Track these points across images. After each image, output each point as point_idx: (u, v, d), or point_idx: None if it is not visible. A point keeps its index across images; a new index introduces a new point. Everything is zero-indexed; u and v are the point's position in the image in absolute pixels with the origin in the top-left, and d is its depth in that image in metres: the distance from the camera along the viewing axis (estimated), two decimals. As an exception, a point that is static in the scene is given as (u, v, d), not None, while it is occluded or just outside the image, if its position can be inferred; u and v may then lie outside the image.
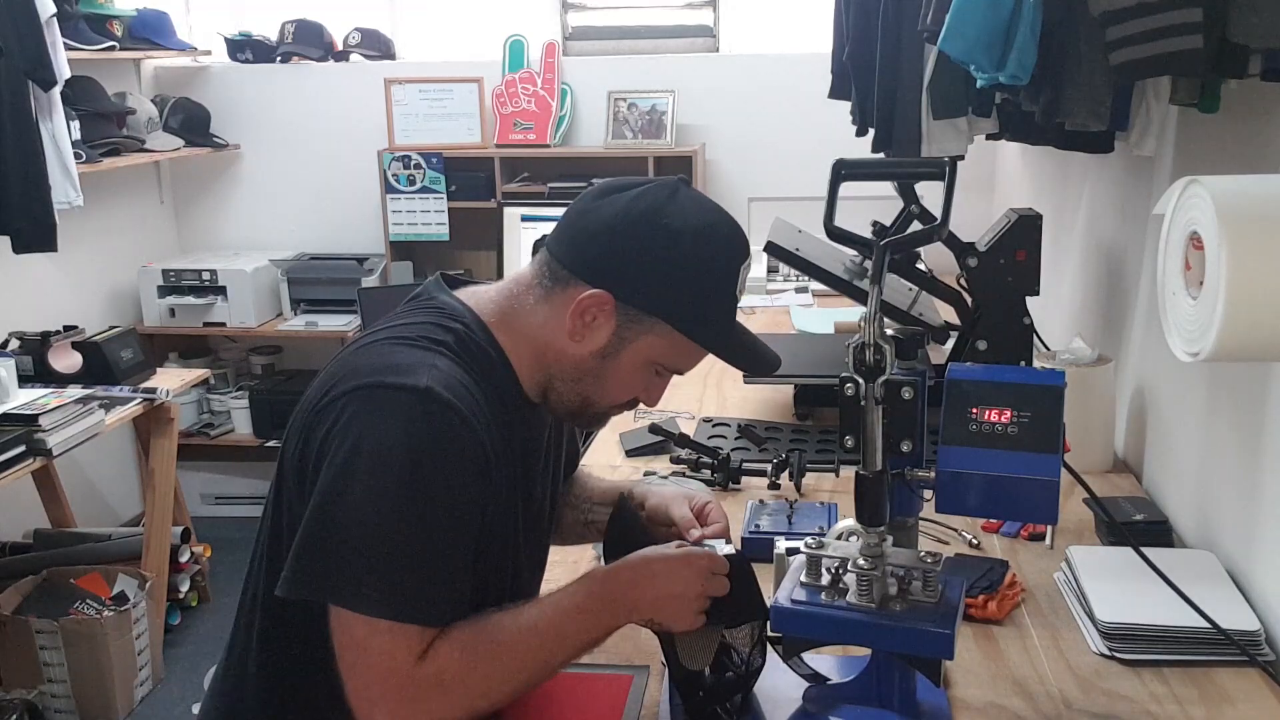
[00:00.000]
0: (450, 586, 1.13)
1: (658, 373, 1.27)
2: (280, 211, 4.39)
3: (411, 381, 1.11)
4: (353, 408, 1.12)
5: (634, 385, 1.27)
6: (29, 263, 3.32)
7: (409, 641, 1.10)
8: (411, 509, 1.09)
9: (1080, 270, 2.47)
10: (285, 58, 4.30)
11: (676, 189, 1.22)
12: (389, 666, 1.09)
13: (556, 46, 4.11)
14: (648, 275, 1.19)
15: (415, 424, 1.10)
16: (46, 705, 2.85)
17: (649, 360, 1.24)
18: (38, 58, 3.08)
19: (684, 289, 1.20)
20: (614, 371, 1.24)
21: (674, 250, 1.19)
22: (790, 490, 1.91)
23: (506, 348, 1.24)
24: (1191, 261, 1.16)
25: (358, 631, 1.10)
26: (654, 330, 1.22)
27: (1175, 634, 1.37)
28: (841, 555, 1.19)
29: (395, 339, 1.19)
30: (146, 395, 3.13)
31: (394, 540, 1.09)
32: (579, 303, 1.20)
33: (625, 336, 1.22)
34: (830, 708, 1.24)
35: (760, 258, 3.68)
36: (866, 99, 2.38)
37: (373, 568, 1.08)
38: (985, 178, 3.70)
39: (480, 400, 1.17)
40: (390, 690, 1.10)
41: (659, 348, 1.23)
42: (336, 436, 1.12)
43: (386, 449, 1.09)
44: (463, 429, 1.13)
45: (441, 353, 1.18)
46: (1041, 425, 1.15)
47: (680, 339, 1.22)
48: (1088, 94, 1.44)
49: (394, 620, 1.09)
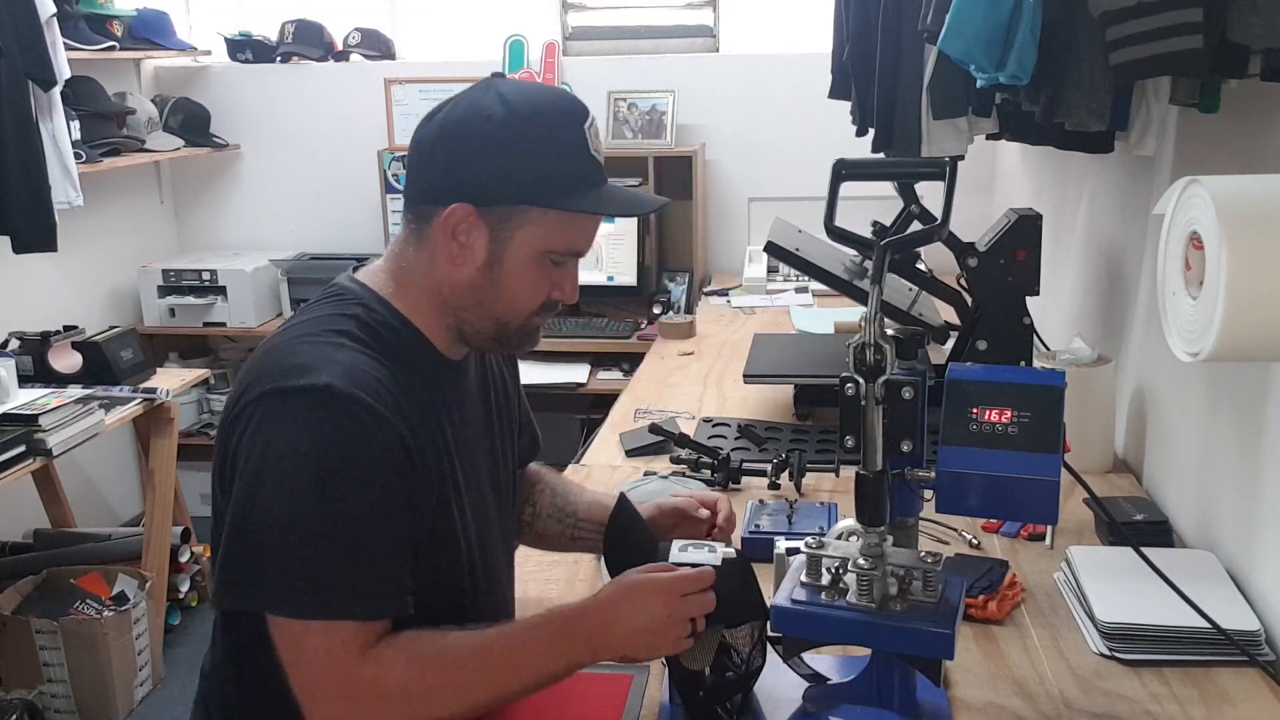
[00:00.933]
0: (380, 579, 1.12)
1: (555, 262, 1.23)
2: (280, 211, 4.39)
3: (310, 381, 1.11)
4: (258, 415, 1.12)
5: (535, 283, 1.23)
6: (29, 263, 3.32)
7: (344, 638, 1.10)
8: (325, 507, 1.09)
9: (1080, 270, 2.47)
10: (285, 58, 4.30)
11: (490, 83, 1.21)
12: (327, 664, 1.10)
13: (556, 46, 4.11)
14: (493, 169, 1.17)
15: (319, 423, 1.10)
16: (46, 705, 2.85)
17: (537, 251, 1.21)
18: (38, 58, 3.08)
19: (533, 166, 1.17)
20: (507, 278, 1.21)
21: (507, 133, 1.16)
22: (790, 490, 1.91)
23: (407, 311, 1.24)
24: (1191, 261, 1.16)
25: (293, 633, 1.10)
26: (526, 219, 1.19)
27: (1175, 634, 1.37)
28: (841, 555, 1.19)
29: (297, 336, 1.19)
30: (146, 395, 3.13)
31: (312, 541, 1.09)
32: (443, 225, 1.19)
33: (501, 239, 1.20)
34: (830, 708, 1.25)
35: (760, 257, 3.70)
36: (866, 99, 2.38)
37: (295, 570, 1.09)
38: (985, 178, 3.70)
39: (389, 383, 1.16)
40: (329, 688, 1.10)
41: (539, 235, 1.20)
42: (245, 446, 1.12)
43: (292, 452, 1.10)
44: (369, 419, 1.12)
45: (343, 344, 1.17)
46: (1041, 425, 1.15)
47: (555, 216, 1.19)
48: (1088, 94, 1.44)
49: (325, 619, 1.09)
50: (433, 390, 1.23)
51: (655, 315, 3.71)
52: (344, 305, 1.23)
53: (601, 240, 3.94)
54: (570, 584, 1.63)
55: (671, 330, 3.19)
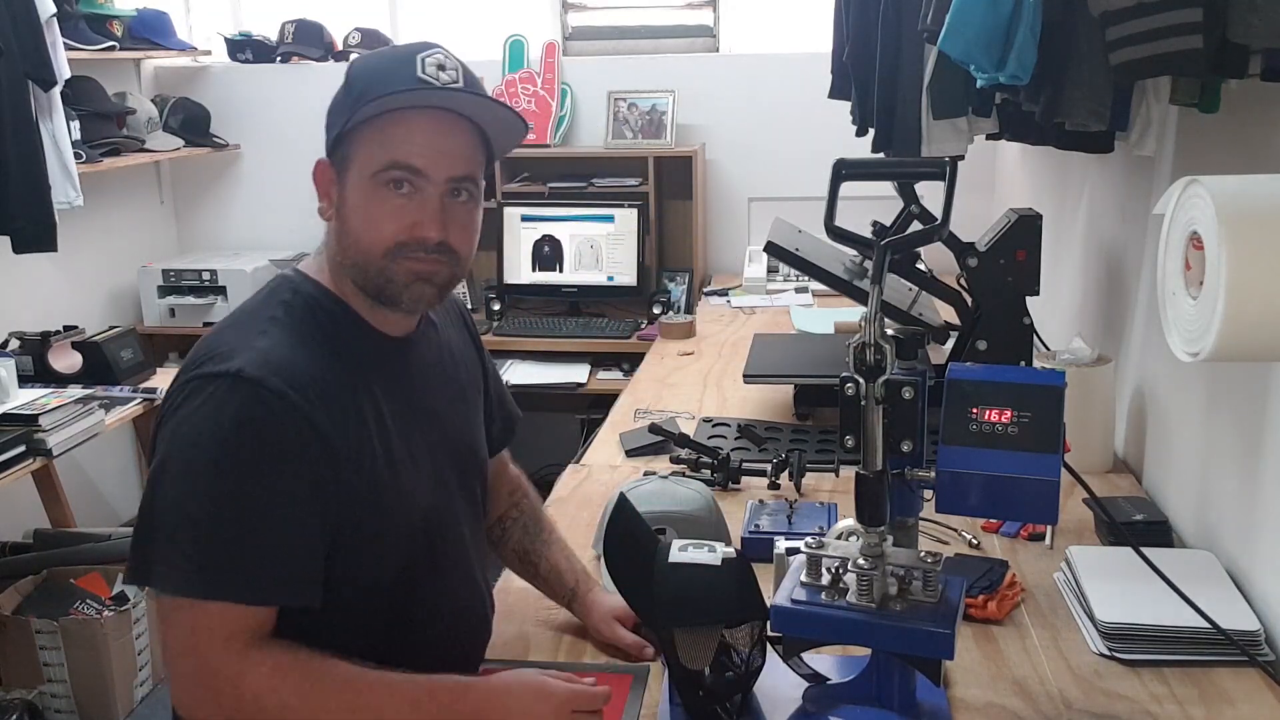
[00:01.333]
0: (262, 565, 1.12)
1: (394, 185, 1.19)
2: (280, 211, 4.39)
3: (224, 368, 1.13)
4: (177, 400, 1.15)
5: (379, 216, 1.19)
6: (29, 263, 3.32)
7: (210, 621, 1.10)
8: (218, 488, 1.10)
9: (1080, 270, 2.47)
10: (285, 58, 4.30)
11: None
12: (190, 644, 1.11)
13: (556, 46, 4.11)
14: (331, 113, 1.23)
15: (223, 408, 1.11)
16: (46, 705, 2.85)
17: (365, 177, 1.19)
18: (38, 58, 3.08)
19: (354, 98, 1.19)
20: (351, 213, 1.21)
21: (345, 81, 1.24)
22: (790, 490, 1.91)
23: (336, 289, 1.25)
24: (1191, 261, 1.16)
25: (164, 609, 1.12)
26: (353, 148, 1.20)
27: (1175, 634, 1.37)
28: (841, 555, 1.19)
29: (228, 324, 1.22)
30: (146, 395, 3.12)
31: (198, 521, 1.10)
32: (316, 186, 1.24)
33: (342, 179, 1.22)
34: (830, 708, 1.24)
35: (760, 257, 3.71)
36: (866, 99, 2.38)
37: (178, 549, 1.10)
38: (985, 178, 3.70)
39: (309, 366, 1.16)
40: (189, 667, 1.11)
41: (363, 159, 1.20)
42: (162, 428, 1.16)
43: (195, 435, 1.12)
44: (276, 404, 1.12)
45: (266, 330, 1.18)
46: (1041, 425, 1.15)
47: (371, 133, 1.18)
48: (1088, 94, 1.44)
49: (194, 598, 1.10)
50: (364, 366, 1.23)
51: (655, 315, 3.71)
52: (278, 292, 1.25)
53: (602, 240, 3.95)
54: (570, 584, 1.62)
55: (671, 330, 3.19)
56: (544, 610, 1.54)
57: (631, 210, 3.92)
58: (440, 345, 1.38)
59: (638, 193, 3.96)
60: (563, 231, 3.98)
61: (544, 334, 3.85)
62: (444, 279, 1.24)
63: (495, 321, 3.91)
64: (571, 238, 3.98)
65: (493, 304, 3.95)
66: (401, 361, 1.29)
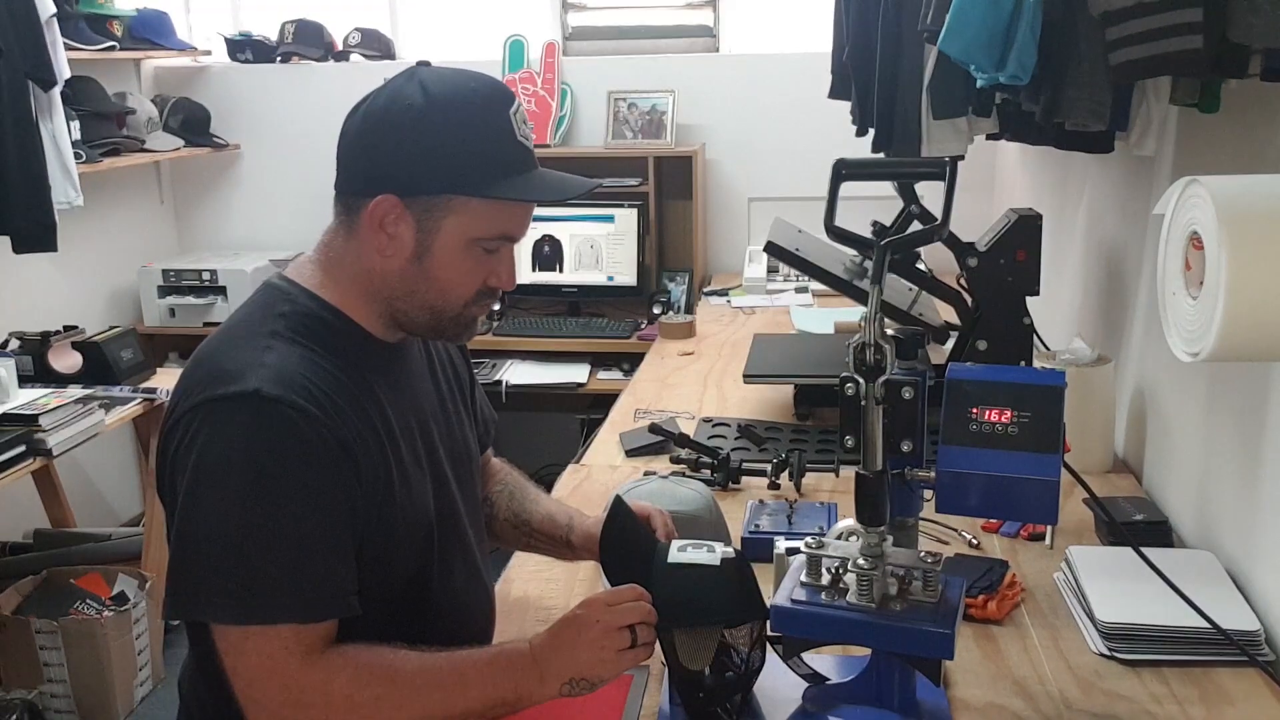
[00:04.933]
0: (318, 581, 1.12)
1: (487, 250, 1.22)
2: (280, 211, 4.39)
3: (239, 388, 1.11)
4: (193, 426, 1.12)
5: (469, 271, 1.22)
6: (29, 263, 3.32)
7: (285, 642, 1.10)
8: (259, 512, 1.09)
9: (1080, 270, 2.47)
10: (285, 58, 4.30)
11: (414, 73, 1.21)
12: (269, 668, 1.10)
13: (556, 46, 4.11)
14: (416, 159, 1.16)
15: (250, 430, 1.10)
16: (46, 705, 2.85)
17: (467, 240, 1.20)
18: (38, 58, 3.08)
19: (456, 154, 1.16)
20: (439, 268, 1.21)
21: (427, 123, 1.16)
22: (790, 490, 1.91)
23: (337, 302, 1.23)
24: (1191, 261, 1.16)
25: (232, 640, 1.10)
26: (452, 209, 1.18)
27: (1175, 634, 1.37)
28: (841, 555, 1.19)
29: (226, 341, 1.20)
30: (146, 395, 3.13)
31: (246, 547, 1.09)
32: (370, 216, 1.18)
33: (429, 228, 1.19)
34: (830, 708, 1.25)
35: (760, 257, 3.70)
36: (866, 99, 2.38)
37: (231, 577, 1.09)
38: (985, 178, 3.70)
39: (320, 378, 1.16)
40: (273, 691, 1.10)
41: (468, 223, 1.19)
42: (181, 457, 1.13)
43: (225, 460, 1.10)
44: (300, 420, 1.11)
45: (270, 345, 1.17)
46: (1041, 425, 1.15)
47: (483, 204, 1.18)
48: (1088, 94, 1.44)
49: (263, 624, 1.09)
50: (368, 374, 1.23)
51: (655, 315, 3.71)
52: (272, 305, 1.23)
53: (602, 240, 3.95)
54: (570, 584, 1.63)
55: (671, 330, 3.19)
56: (544, 610, 1.54)
57: (631, 210, 3.93)
58: (425, 347, 1.39)
59: (638, 193, 3.96)
60: (563, 231, 3.98)
61: (544, 334, 3.85)
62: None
63: (495, 321, 3.91)
64: (571, 238, 3.98)
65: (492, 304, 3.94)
66: (398, 365, 1.29)
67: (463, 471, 1.38)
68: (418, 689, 1.14)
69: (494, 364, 3.79)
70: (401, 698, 1.13)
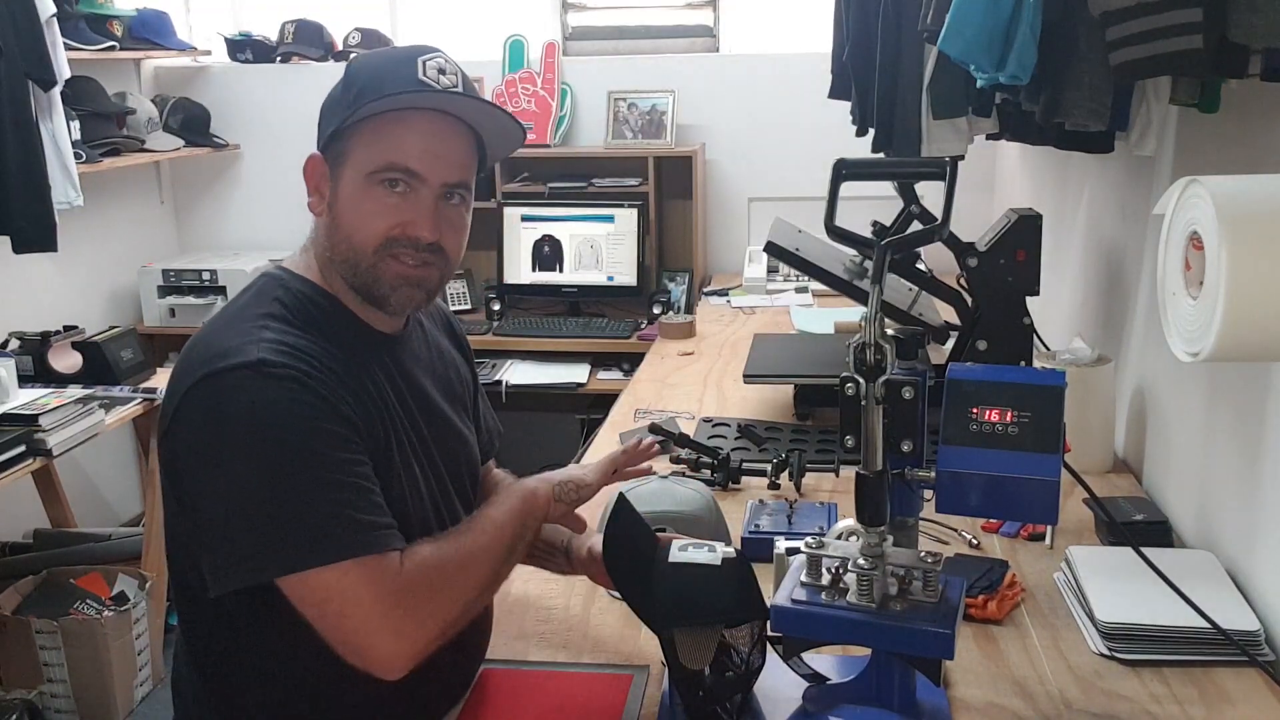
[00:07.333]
0: (376, 511, 1.13)
1: (390, 186, 1.19)
2: (280, 211, 4.38)
3: (241, 359, 1.12)
4: (198, 403, 1.12)
5: (371, 213, 1.20)
6: (29, 263, 3.32)
7: (377, 569, 1.10)
8: (297, 461, 1.09)
9: (1080, 270, 2.47)
10: (285, 58, 4.30)
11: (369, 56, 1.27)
12: (375, 591, 1.10)
13: (556, 46, 4.11)
14: (326, 110, 1.23)
15: (261, 391, 1.10)
16: (46, 705, 2.85)
17: (360, 175, 1.20)
18: (38, 58, 3.08)
19: (348, 94, 1.20)
20: (343, 212, 1.22)
21: (345, 78, 1.22)
22: (790, 490, 1.91)
23: (328, 287, 1.25)
24: (1191, 261, 1.16)
25: (327, 580, 1.09)
26: (350, 147, 1.20)
27: (1175, 634, 1.37)
28: (841, 555, 1.19)
29: (221, 325, 1.20)
30: (146, 395, 3.12)
31: (308, 493, 1.09)
32: (307, 180, 1.24)
33: (336, 175, 1.22)
34: (830, 708, 1.24)
35: (760, 257, 3.71)
36: (866, 99, 2.38)
37: (309, 524, 1.09)
38: (985, 178, 3.70)
39: (321, 356, 1.16)
40: (385, 607, 1.10)
41: (359, 158, 1.20)
42: (194, 435, 1.12)
43: (248, 423, 1.10)
44: (308, 381, 1.12)
45: (267, 325, 1.17)
46: (1041, 425, 1.15)
47: (369, 133, 1.19)
48: (1088, 94, 1.44)
49: (352, 558, 1.09)
50: (364, 362, 1.23)
51: (655, 315, 3.71)
52: (268, 290, 1.23)
53: (602, 240, 3.95)
54: (570, 583, 1.62)
55: (671, 330, 3.19)
56: (544, 610, 1.54)
57: (631, 210, 3.93)
58: (429, 344, 1.39)
59: (638, 193, 3.96)
60: (563, 231, 3.98)
61: (544, 334, 3.85)
62: (434, 282, 1.26)
63: (495, 321, 3.91)
64: (571, 238, 3.98)
65: (493, 304, 3.95)
66: (395, 356, 1.29)
67: (460, 472, 1.38)
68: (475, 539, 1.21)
69: (494, 364, 3.79)
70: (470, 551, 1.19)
